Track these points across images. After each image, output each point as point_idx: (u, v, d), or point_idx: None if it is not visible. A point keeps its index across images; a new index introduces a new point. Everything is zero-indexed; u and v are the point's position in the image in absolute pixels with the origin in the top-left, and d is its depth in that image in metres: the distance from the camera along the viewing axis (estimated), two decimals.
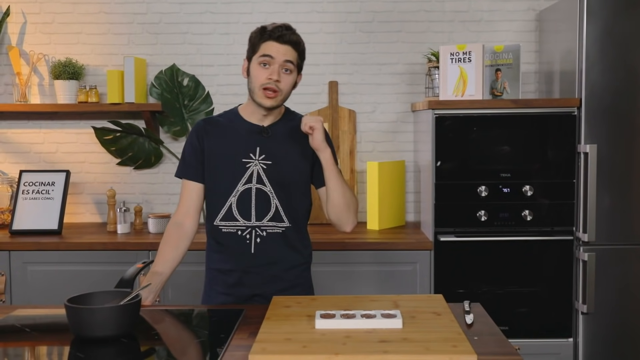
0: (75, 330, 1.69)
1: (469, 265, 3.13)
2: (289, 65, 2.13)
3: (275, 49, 2.11)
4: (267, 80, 2.10)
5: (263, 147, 2.18)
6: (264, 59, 2.11)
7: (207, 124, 2.24)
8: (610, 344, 3.11)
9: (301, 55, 2.19)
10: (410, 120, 3.69)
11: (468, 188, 3.11)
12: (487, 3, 3.64)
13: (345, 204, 2.18)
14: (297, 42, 2.16)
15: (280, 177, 2.17)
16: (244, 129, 2.21)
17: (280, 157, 2.18)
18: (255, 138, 2.19)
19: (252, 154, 2.18)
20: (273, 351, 1.57)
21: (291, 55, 2.14)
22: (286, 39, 2.12)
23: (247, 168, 2.17)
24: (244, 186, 2.17)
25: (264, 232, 2.18)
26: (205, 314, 2.02)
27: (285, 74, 2.13)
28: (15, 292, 3.15)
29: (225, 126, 2.23)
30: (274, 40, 2.11)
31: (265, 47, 2.12)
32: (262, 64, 2.12)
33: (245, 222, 2.17)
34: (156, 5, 3.67)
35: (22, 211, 3.39)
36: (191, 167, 2.22)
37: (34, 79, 3.70)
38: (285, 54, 2.12)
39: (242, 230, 2.17)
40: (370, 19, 3.66)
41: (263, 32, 2.13)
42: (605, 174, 3.05)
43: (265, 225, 2.17)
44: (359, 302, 1.97)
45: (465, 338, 1.65)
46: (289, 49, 2.13)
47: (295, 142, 2.21)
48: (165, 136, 3.71)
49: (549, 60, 3.47)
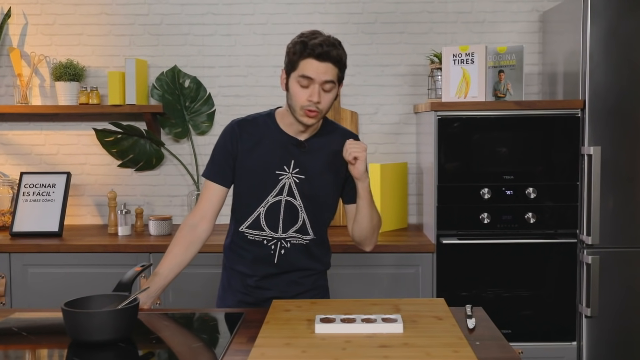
0: (73, 334, 1.67)
1: (472, 268, 3.11)
2: (328, 85, 2.02)
3: (315, 69, 1.99)
4: (308, 103, 2.02)
5: (297, 161, 2.13)
6: (303, 81, 2.01)
7: (241, 128, 2.16)
8: (614, 347, 3.09)
9: (342, 69, 2.07)
10: (412, 122, 3.67)
11: (471, 190, 3.09)
12: (490, 4, 3.62)
13: (371, 228, 2.19)
14: (338, 59, 2.02)
15: (311, 192, 2.14)
16: (281, 140, 2.14)
17: (314, 173, 2.14)
18: (291, 151, 2.13)
19: (286, 167, 2.13)
20: (272, 356, 1.56)
21: (331, 74, 2.01)
22: (326, 56, 1.99)
23: (279, 180, 2.12)
24: (275, 198, 2.13)
25: (288, 244, 2.15)
26: (204, 317, 2.00)
27: (325, 92, 2.03)
28: (15, 294, 3.14)
29: (261, 133, 2.15)
30: (314, 57, 1.98)
31: (304, 65, 2.00)
32: (302, 85, 2.02)
33: (272, 233, 2.14)
34: (157, 7, 3.66)
35: (22, 213, 3.38)
36: (220, 170, 2.16)
37: (35, 80, 3.69)
38: (325, 73, 2.00)
39: (267, 241, 2.15)
40: (373, 20, 3.64)
41: (303, 48, 2.00)
42: (609, 176, 3.03)
43: (290, 236, 2.15)
44: (360, 306, 1.95)
45: (466, 343, 1.63)
46: (329, 67, 2.00)
47: (331, 158, 2.16)
48: (166, 138, 3.70)
49: (553, 61, 3.45)
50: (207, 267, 3.06)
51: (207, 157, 3.62)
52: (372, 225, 2.18)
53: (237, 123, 2.18)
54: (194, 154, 3.64)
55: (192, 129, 3.65)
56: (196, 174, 3.64)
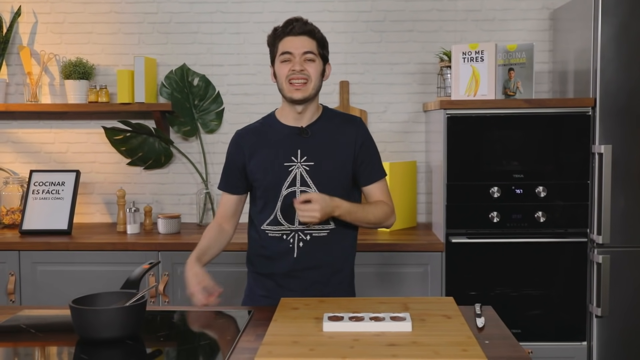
0: (80, 332, 1.67)
1: (481, 267, 3.09)
2: (309, 55, 2.11)
3: (291, 44, 2.10)
4: (291, 72, 2.09)
5: (304, 149, 2.15)
6: (284, 57, 2.11)
7: (245, 133, 2.24)
8: (624, 347, 3.06)
9: (320, 43, 2.16)
10: (422, 121, 3.65)
11: (480, 189, 3.07)
12: (500, 2, 3.60)
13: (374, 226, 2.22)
14: (312, 31, 2.13)
15: (324, 177, 2.14)
16: (283, 132, 2.18)
17: (323, 157, 2.15)
18: (296, 140, 2.16)
19: (293, 157, 2.15)
20: (279, 354, 1.55)
21: (309, 45, 2.12)
22: (299, 30, 2.11)
23: (290, 171, 2.14)
24: (288, 190, 2.14)
25: (307, 237, 2.15)
26: (212, 315, 2.00)
27: (309, 63, 2.11)
28: (24, 292, 3.15)
29: (264, 132, 2.21)
30: (287, 35, 2.11)
31: (282, 45, 2.12)
32: (284, 62, 2.11)
33: (289, 225, 2.15)
34: (167, 5, 3.66)
35: (32, 211, 3.39)
36: (230, 181, 2.25)
37: (44, 78, 3.70)
38: (302, 45, 2.10)
39: (286, 235, 2.15)
40: (382, 18, 3.63)
41: (275, 32, 2.15)
42: (620, 175, 3.00)
43: (312, 228, 2.15)
44: (368, 305, 1.94)
45: (475, 342, 1.62)
46: (305, 40, 2.12)
47: (337, 141, 2.18)
48: (175, 136, 3.70)
49: (563, 59, 3.42)
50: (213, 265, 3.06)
51: (215, 155, 3.67)
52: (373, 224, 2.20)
53: (239, 132, 2.27)
54: (202, 153, 3.64)
55: (201, 127, 3.65)
56: (205, 172, 3.64)
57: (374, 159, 2.24)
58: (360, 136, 2.21)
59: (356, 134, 2.20)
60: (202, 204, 3.59)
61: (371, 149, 2.24)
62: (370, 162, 2.22)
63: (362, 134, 2.22)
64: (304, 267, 2.16)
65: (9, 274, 3.14)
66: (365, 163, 2.20)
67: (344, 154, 2.17)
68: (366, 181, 2.22)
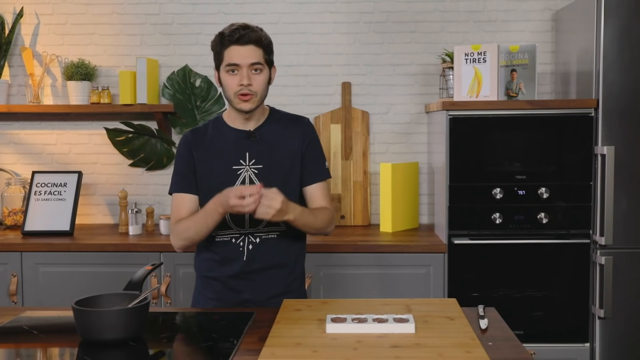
0: (83, 333, 1.67)
1: (484, 268, 3.09)
2: (256, 66, 2.08)
3: (238, 54, 2.06)
4: (239, 87, 2.07)
5: (252, 152, 2.15)
6: (230, 67, 2.07)
7: (194, 135, 2.20)
8: (627, 349, 3.06)
9: (267, 50, 2.12)
10: (424, 122, 3.65)
11: (483, 190, 3.07)
12: (503, 3, 3.60)
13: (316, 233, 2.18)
14: (258, 40, 2.08)
15: (273, 180, 2.11)
16: (231, 135, 2.17)
17: (271, 160, 2.15)
18: (244, 143, 2.15)
19: (242, 160, 2.14)
20: (283, 356, 1.55)
21: (255, 56, 2.08)
22: (246, 39, 2.06)
23: (238, 175, 2.13)
24: None
25: (257, 239, 2.14)
26: (215, 317, 2.00)
27: (256, 74, 2.09)
28: (26, 293, 3.14)
29: (213, 135, 2.19)
30: (234, 44, 2.06)
31: (227, 54, 2.07)
32: (231, 72, 2.08)
33: (238, 229, 2.14)
34: (169, 6, 3.66)
35: (34, 212, 3.39)
36: (186, 182, 2.17)
37: (46, 79, 3.70)
38: (249, 56, 2.06)
39: (235, 238, 2.14)
40: (384, 19, 3.63)
41: (222, 38, 2.09)
42: (622, 176, 3.00)
43: (260, 231, 2.14)
44: (371, 306, 1.94)
45: (479, 343, 1.61)
46: (252, 49, 2.07)
47: (284, 142, 2.17)
48: (177, 137, 3.70)
49: (566, 60, 3.42)
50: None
51: None
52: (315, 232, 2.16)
53: (189, 132, 2.23)
54: None
55: None
56: None
57: (319, 159, 2.21)
58: (307, 135, 2.20)
59: (303, 133, 2.19)
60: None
61: (316, 149, 2.22)
62: (314, 161, 2.19)
63: (309, 134, 2.21)
64: (253, 270, 2.14)
65: (11, 275, 3.14)
66: (310, 162, 2.18)
67: (291, 156, 2.17)
68: (308, 180, 2.18)
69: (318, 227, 2.14)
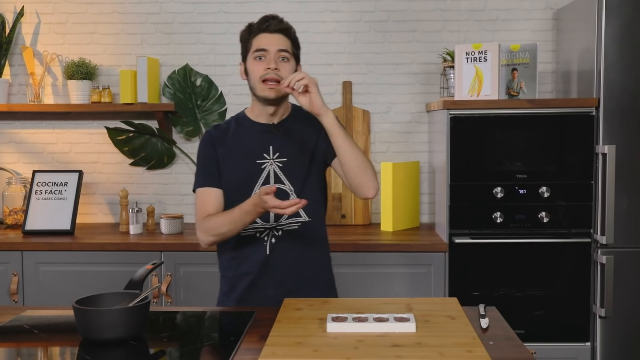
0: (84, 332, 1.67)
1: (485, 267, 3.09)
2: (284, 54, 2.08)
3: (267, 41, 2.08)
4: (265, 71, 2.06)
5: (276, 146, 2.14)
6: (258, 53, 2.08)
7: (217, 131, 2.19)
8: (628, 348, 3.06)
9: (294, 42, 2.14)
10: (425, 121, 3.65)
11: (483, 189, 3.07)
12: (504, 2, 3.59)
13: (359, 167, 2.02)
14: (287, 29, 2.11)
15: (297, 173, 2.12)
16: (255, 130, 2.17)
17: (295, 154, 2.13)
18: (267, 137, 2.15)
19: (265, 154, 2.14)
20: (283, 355, 1.55)
21: (284, 44, 2.09)
22: (275, 27, 2.09)
23: (262, 169, 2.12)
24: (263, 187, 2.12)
25: (279, 232, 2.13)
26: (215, 316, 2.00)
27: (283, 62, 2.09)
28: (27, 292, 3.14)
29: (235, 130, 2.18)
30: (263, 32, 2.09)
31: (256, 41, 2.09)
32: (257, 58, 2.08)
33: (263, 223, 2.12)
34: (169, 5, 3.66)
35: (34, 211, 3.39)
36: (212, 175, 2.15)
37: (47, 79, 3.70)
38: (277, 43, 2.08)
39: (260, 232, 2.13)
40: (385, 19, 3.62)
41: (251, 27, 2.12)
42: (623, 175, 2.99)
43: (282, 224, 2.12)
44: (372, 305, 1.94)
45: (480, 343, 1.61)
46: (280, 38, 2.09)
47: (307, 135, 2.16)
48: (178, 136, 3.70)
49: (567, 59, 3.42)
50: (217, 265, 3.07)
51: None
52: (358, 163, 2.02)
53: (212, 129, 2.22)
54: None
55: (204, 128, 3.65)
56: None
57: None
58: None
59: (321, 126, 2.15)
60: None
61: None
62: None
63: None
64: (275, 262, 2.13)
65: (11, 274, 3.14)
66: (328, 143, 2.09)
67: (313, 147, 2.16)
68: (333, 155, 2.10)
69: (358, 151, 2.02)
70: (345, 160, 2.03)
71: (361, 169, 2.03)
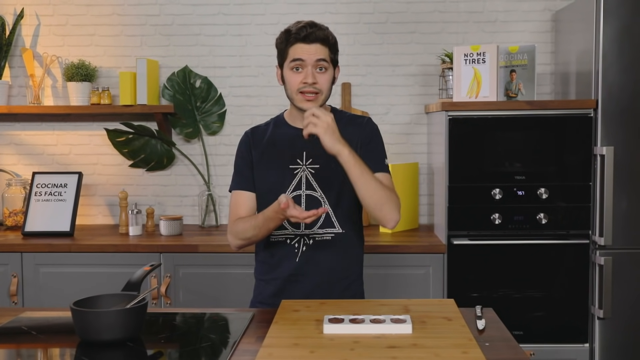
0: (81, 334, 1.67)
1: (483, 269, 3.09)
2: (322, 63, 2.05)
3: (304, 51, 2.03)
4: (302, 85, 2.04)
5: (310, 152, 2.11)
6: (295, 64, 2.04)
7: (254, 134, 2.20)
8: (627, 349, 3.06)
9: (332, 49, 2.08)
10: (423, 122, 3.65)
11: (482, 191, 3.07)
12: (502, 3, 3.60)
13: (375, 203, 1.99)
14: (325, 38, 2.05)
15: (330, 181, 2.10)
16: (290, 134, 2.15)
17: (328, 161, 2.05)
18: (302, 142, 2.08)
19: (299, 160, 2.12)
20: (280, 356, 1.55)
21: (322, 53, 2.04)
22: (313, 37, 2.03)
23: (295, 174, 2.11)
24: (293, 193, 2.10)
25: (311, 240, 2.11)
26: (213, 317, 2.00)
27: (321, 73, 2.05)
28: (27, 293, 3.15)
29: (272, 134, 2.17)
30: (301, 41, 2.03)
31: (293, 51, 2.04)
32: (295, 69, 2.05)
33: (294, 230, 2.11)
34: (169, 7, 3.67)
35: (34, 213, 3.40)
36: (246, 178, 2.16)
37: (47, 80, 3.71)
38: (315, 53, 2.03)
39: (290, 239, 2.12)
40: (384, 20, 3.63)
41: (288, 35, 2.05)
42: (622, 176, 3.00)
43: (315, 232, 2.10)
44: (369, 307, 1.94)
45: (476, 344, 1.62)
46: (318, 47, 2.04)
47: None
48: (177, 138, 3.70)
49: (565, 61, 3.42)
50: (216, 267, 3.08)
51: (217, 157, 3.67)
52: (374, 200, 1.98)
53: (250, 131, 2.22)
54: (205, 154, 3.65)
55: (203, 129, 3.66)
56: (207, 174, 3.64)
57: (379, 154, 2.14)
58: (366, 135, 2.15)
59: (359, 133, 2.14)
60: (204, 205, 3.59)
61: (376, 145, 2.15)
62: (373, 155, 2.11)
63: (368, 133, 2.16)
64: (306, 272, 2.11)
65: (11, 275, 3.14)
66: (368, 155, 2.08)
67: None
68: None
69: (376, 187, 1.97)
70: (361, 196, 2.01)
71: (378, 205, 2.00)
